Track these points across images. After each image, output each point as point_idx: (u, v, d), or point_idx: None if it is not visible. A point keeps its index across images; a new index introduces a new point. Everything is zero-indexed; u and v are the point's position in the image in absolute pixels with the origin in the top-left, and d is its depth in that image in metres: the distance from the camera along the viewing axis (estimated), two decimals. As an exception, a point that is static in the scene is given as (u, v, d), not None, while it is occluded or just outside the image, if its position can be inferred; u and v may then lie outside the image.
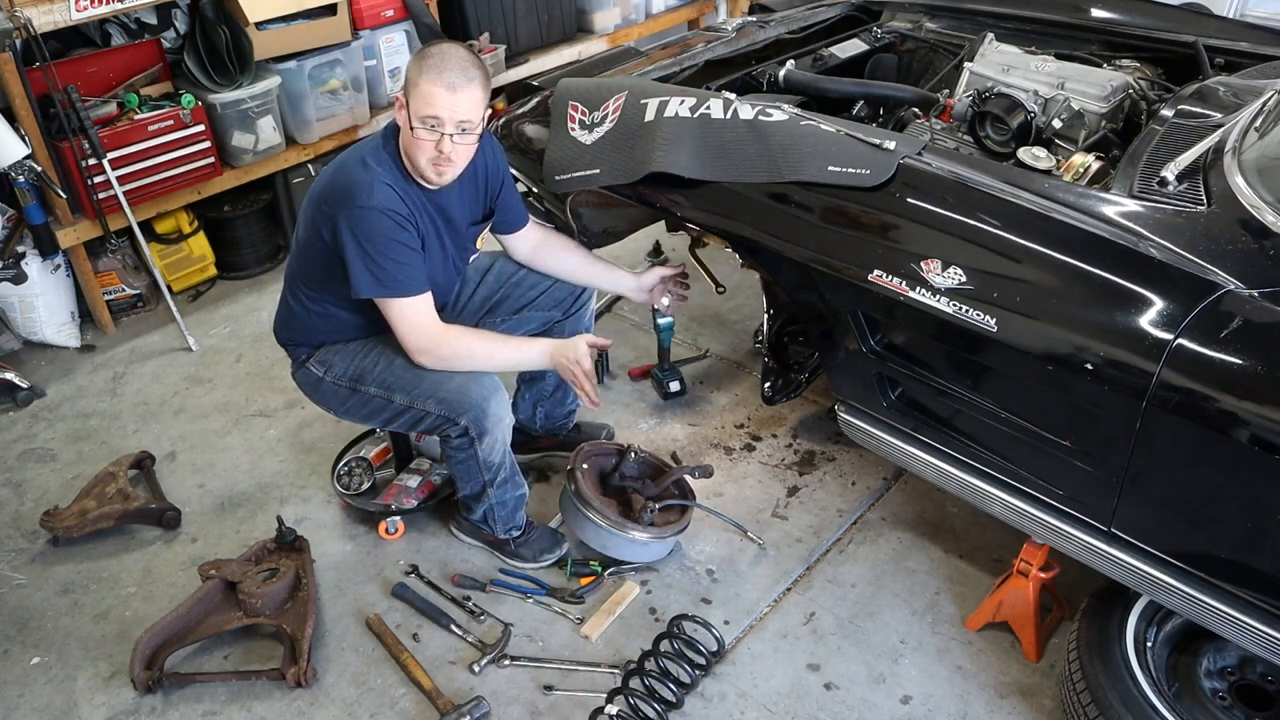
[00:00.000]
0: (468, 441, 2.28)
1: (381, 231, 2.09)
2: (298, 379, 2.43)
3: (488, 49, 4.21)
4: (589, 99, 2.47)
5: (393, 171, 2.14)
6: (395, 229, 2.10)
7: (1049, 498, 1.98)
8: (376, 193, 2.08)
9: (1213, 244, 1.75)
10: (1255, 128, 2.05)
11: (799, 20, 3.12)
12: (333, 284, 2.21)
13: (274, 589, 2.28)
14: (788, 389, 2.67)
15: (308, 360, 2.37)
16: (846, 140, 2.12)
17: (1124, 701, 1.83)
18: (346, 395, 2.34)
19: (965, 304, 1.87)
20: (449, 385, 2.24)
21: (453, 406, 2.23)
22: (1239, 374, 1.61)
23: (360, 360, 2.31)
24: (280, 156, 3.73)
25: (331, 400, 2.38)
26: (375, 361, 2.30)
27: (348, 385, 2.32)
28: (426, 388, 2.25)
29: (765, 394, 2.64)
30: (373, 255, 2.09)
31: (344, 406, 2.37)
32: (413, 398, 2.26)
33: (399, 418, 2.32)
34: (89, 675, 2.28)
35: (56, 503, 2.70)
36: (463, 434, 2.27)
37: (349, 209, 2.08)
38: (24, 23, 2.94)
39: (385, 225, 2.09)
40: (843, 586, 2.43)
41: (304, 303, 2.31)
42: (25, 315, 3.37)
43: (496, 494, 2.38)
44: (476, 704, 2.10)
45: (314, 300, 2.29)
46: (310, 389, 2.41)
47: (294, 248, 2.31)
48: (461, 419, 2.24)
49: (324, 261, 2.18)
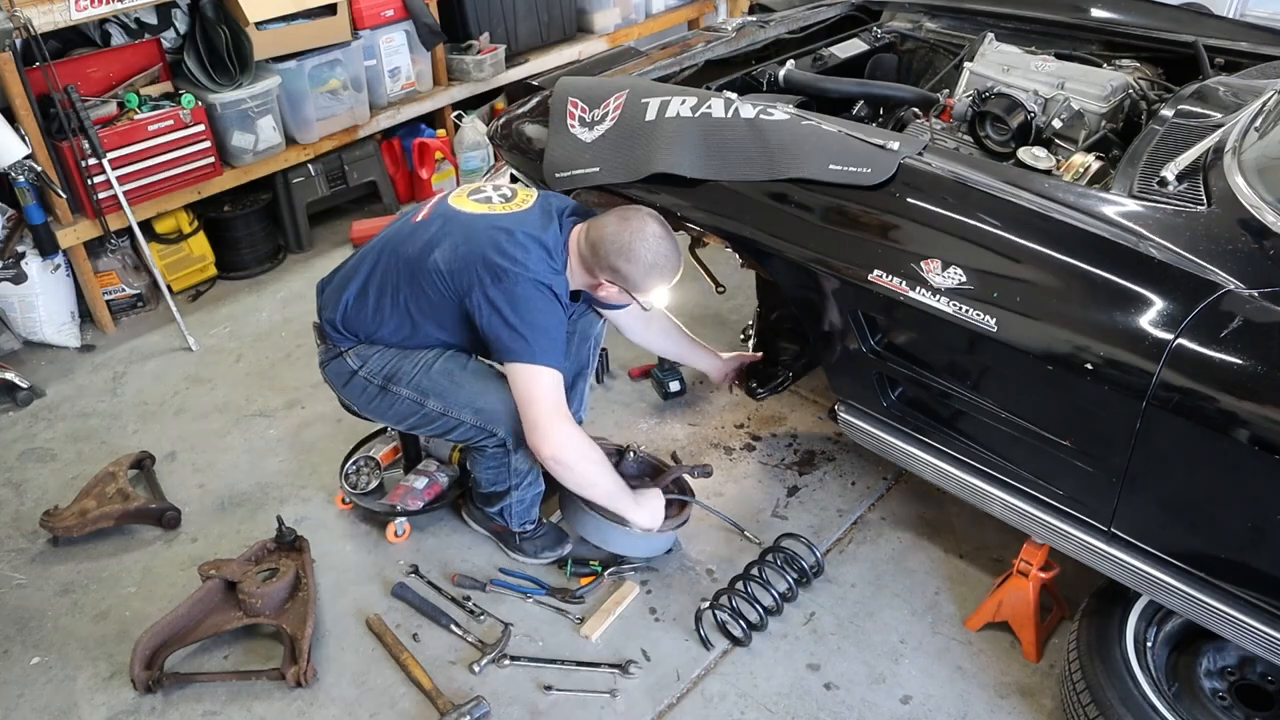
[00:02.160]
0: (503, 451, 2.30)
1: (540, 304, 2.13)
2: (329, 370, 2.38)
3: (488, 49, 4.21)
4: (589, 97, 2.47)
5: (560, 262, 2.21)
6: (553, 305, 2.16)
7: (1049, 498, 1.98)
8: (558, 285, 2.16)
9: (1213, 244, 1.75)
10: (1255, 128, 2.05)
11: (799, 20, 3.12)
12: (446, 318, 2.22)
13: (274, 589, 2.28)
14: (772, 384, 2.70)
15: (347, 351, 2.32)
16: (848, 140, 2.12)
17: (1124, 701, 1.83)
18: (376, 393, 2.31)
19: (965, 304, 1.87)
20: (488, 396, 2.25)
21: (491, 418, 2.25)
22: (1239, 374, 1.61)
23: (399, 360, 2.28)
24: (280, 156, 3.73)
25: (360, 396, 2.35)
26: (414, 364, 2.28)
27: (380, 383, 2.30)
28: (464, 398, 2.25)
29: (750, 389, 2.70)
30: (530, 322, 2.11)
31: (371, 404, 2.35)
32: (447, 405, 2.26)
33: (430, 423, 2.31)
34: (89, 675, 2.28)
35: (56, 503, 2.69)
36: (500, 444, 2.28)
37: (526, 281, 2.11)
38: (24, 22, 2.94)
39: (545, 299, 2.14)
40: (843, 586, 2.43)
41: (402, 310, 2.24)
42: (25, 315, 3.37)
43: (518, 494, 2.40)
44: (476, 704, 2.10)
45: (415, 314, 2.24)
46: (340, 381, 2.37)
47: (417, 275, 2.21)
48: (499, 430, 2.25)
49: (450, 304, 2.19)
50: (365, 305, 2.28)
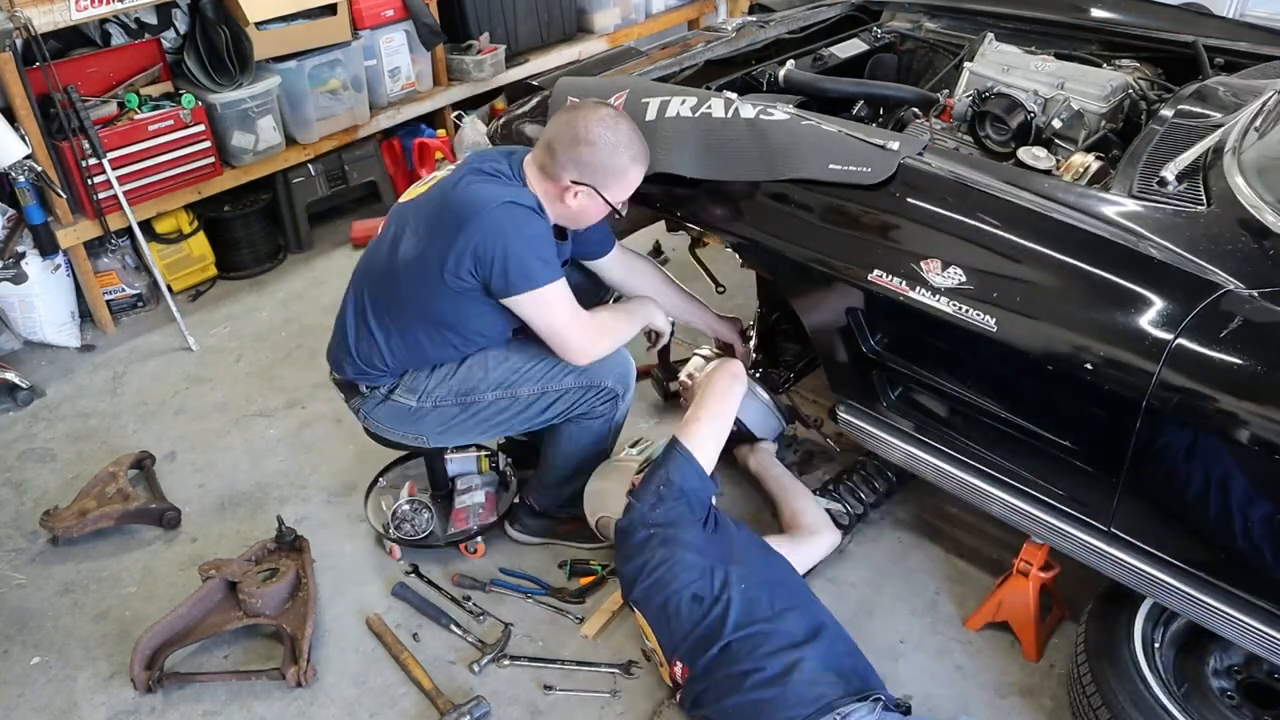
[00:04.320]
0: (612, 404, 2.26)
1: (530, 225, 2.03)
2: (380, 418, 2.27)
3: (488, 49, 4.21)
4: (589, 96, 2.47)
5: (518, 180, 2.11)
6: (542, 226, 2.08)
7: (1049, 498, 1.98)
8: (522, 198, 2.05)
9: (1213, 244, 1.75)
10: (1255, 128, 2.05)
11: (799, 20, 3.12)
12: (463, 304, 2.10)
13: (274, 589, 2.28)
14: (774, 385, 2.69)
15: (393, 393, 2.22)
16: (848, 140, 2.12)
17: (1135, 703, 1.83)
18: (455, 414, 2.22)
19: (965, 304, 1.87)
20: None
21: (594, 373, 2.20)
22: (1239, 374, 1.61)
23: (463, 373, 2.19)
24: (280, 156, 3.73)
25: (434, 427, 2.25)
26: (481, 368, 2.20)
27: (455, 402, 2.21)
28: (549, 369, 2.18)
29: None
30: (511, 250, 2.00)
31: (448, 427, 2.25)
32: (543, 383, 2.19)
33: (525, 412, 2.23)
34: (89, 675, 2.28)
35: (56, 503, 2.70)
36: (609, 397, 2.24)
37: (491, 209, 2.00)
38: (24, 23, 2.94)
39: (533, 220, 2.05)
40: (843, 586, 2.43)
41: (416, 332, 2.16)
42: (25, 315, 3.37)
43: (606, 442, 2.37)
44: (476, 704, 2.10)
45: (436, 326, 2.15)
46: (400, 423, 2.26)
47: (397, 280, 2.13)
48: (608, 380, 2.21)
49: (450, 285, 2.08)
50: (378, 341, 2.18)
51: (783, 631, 1.91)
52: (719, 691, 1.89)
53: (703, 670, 1.92)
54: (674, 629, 1.98)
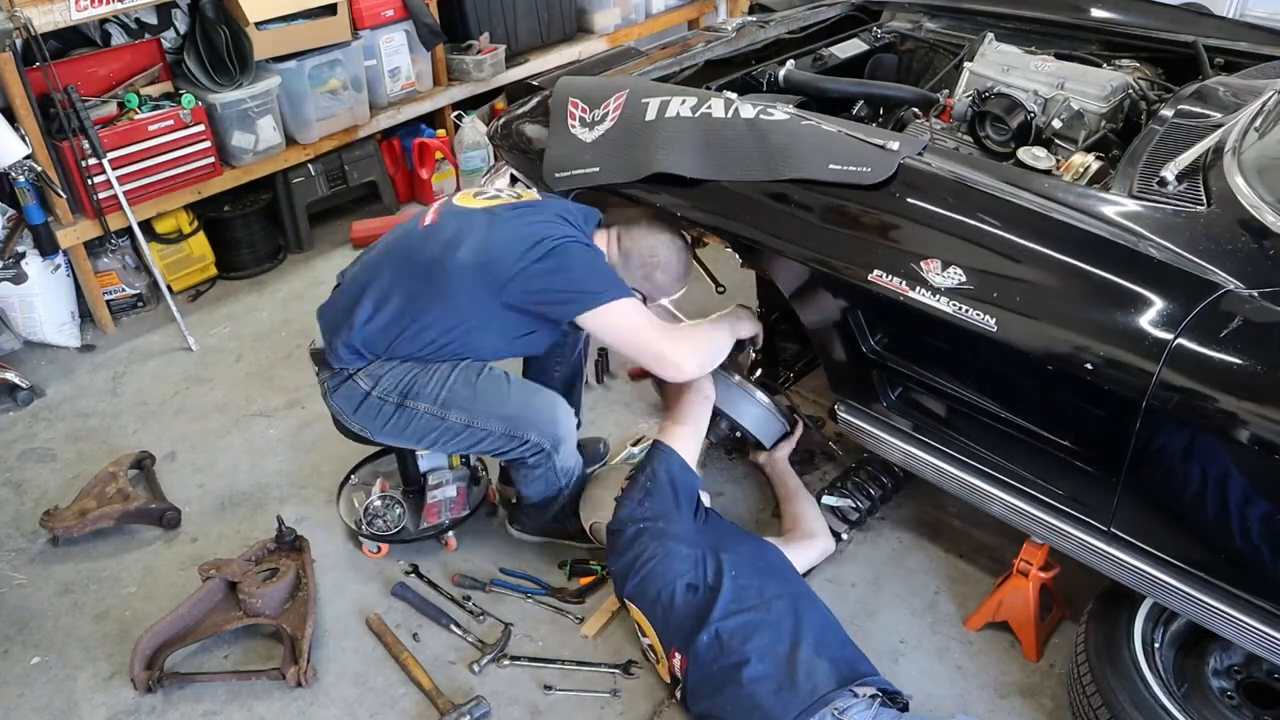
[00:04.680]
0: (544, 456, 2.28)
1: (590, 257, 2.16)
2: (337, 397, 2.26)
3: (488, 49, 4.21)
4: (589, 96, 2.47)
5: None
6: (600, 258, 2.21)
7: (1049, 498, 1.98)
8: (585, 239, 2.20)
9: (1213, 244, 1.75)
10: (1255, 128, 2.05)
11: (799, 20, 3.12)
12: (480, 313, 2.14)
13: (274, 589, 2.28)
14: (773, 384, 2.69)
15: (357, 374, 2.21)
16: (847, 140, 2.12)
17: (1135, 704, 1.83)
18: (392, 411, 2.21)
19: (965, 304, 1.87)
20: (511, 402, 2.20)
21: (519, 424, 2.21)
22: (1239, 374, 1.61)
23: (414, 375, 2.19)
24: (280, 156, 3.73)
25: (375, 418, 2.23)
26: (430, 377, 2.19)
27: (395, 400, 2.19)
28: (485, 406, 2.19)
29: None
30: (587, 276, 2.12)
31: (386, 425, 2.23)
32: (472, 416, 2.19)
33: (455, 437, 2.23)
34: (89, 675, 2.28)
35: (56, 503, 2.70)
36: (537, 451, 2.26)
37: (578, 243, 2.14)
38: (24, 23, 2.94)
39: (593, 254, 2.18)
40: (843, 586, 2.43)
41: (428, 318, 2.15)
42: (25, 315, 3.37)
43: (570, 489, 2.39)
44: (476, 704, 2.10)
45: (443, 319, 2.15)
46: (350, 405, 2.24)
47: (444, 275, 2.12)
48: (531, 435, 2.22)
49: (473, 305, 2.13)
50: (383, 320, 2.17)
51: (773, 621, 1.94)
52: (714, 684, 1.90)
53: (697, 658, 1.94)
54: (669, 620, 2.01)
